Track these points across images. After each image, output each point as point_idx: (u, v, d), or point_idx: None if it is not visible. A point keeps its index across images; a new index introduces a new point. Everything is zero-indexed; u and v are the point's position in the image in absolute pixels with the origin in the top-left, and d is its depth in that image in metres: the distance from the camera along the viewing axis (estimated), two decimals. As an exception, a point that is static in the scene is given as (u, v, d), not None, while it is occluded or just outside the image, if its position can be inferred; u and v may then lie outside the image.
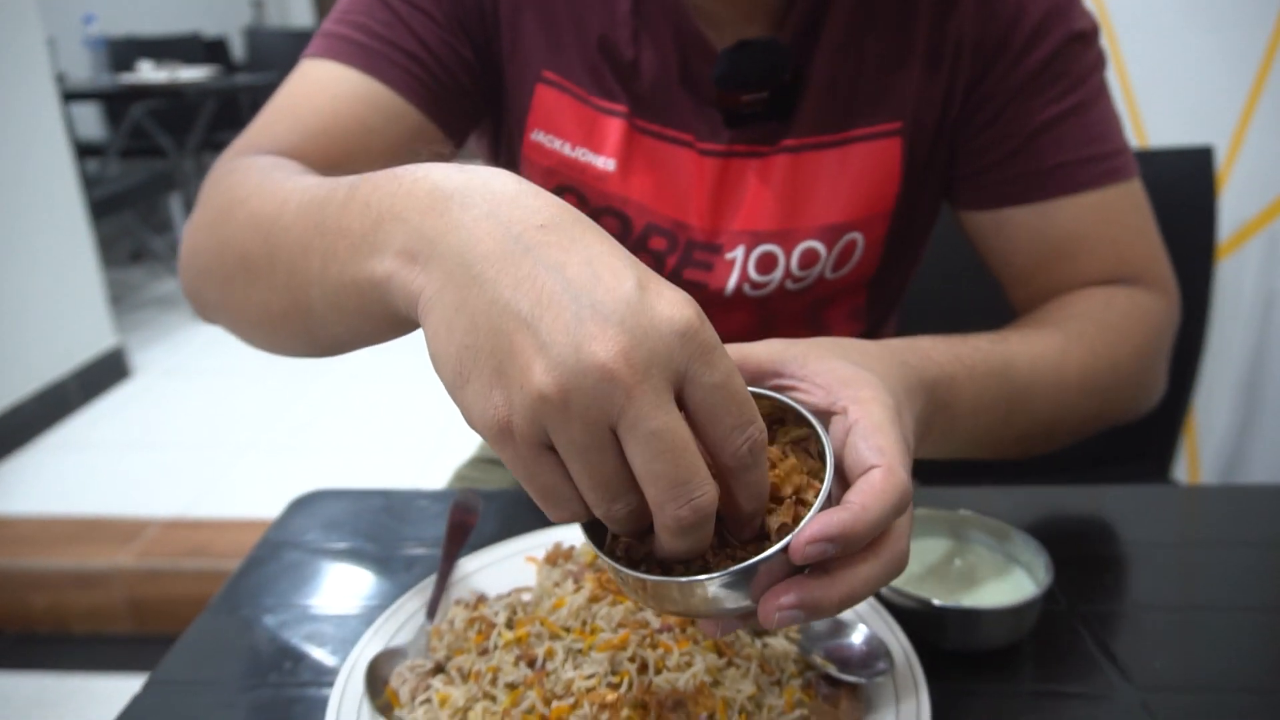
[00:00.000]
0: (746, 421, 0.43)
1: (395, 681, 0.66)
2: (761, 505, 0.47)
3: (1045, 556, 0.77)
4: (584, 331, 0.39)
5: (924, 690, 0.64)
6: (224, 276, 0.71)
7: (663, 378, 0.40)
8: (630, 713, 0.58)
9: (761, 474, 0.45)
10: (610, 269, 0.42)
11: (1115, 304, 0.86)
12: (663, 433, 0.40)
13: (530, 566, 0.81)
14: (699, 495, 0.41)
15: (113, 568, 2.48)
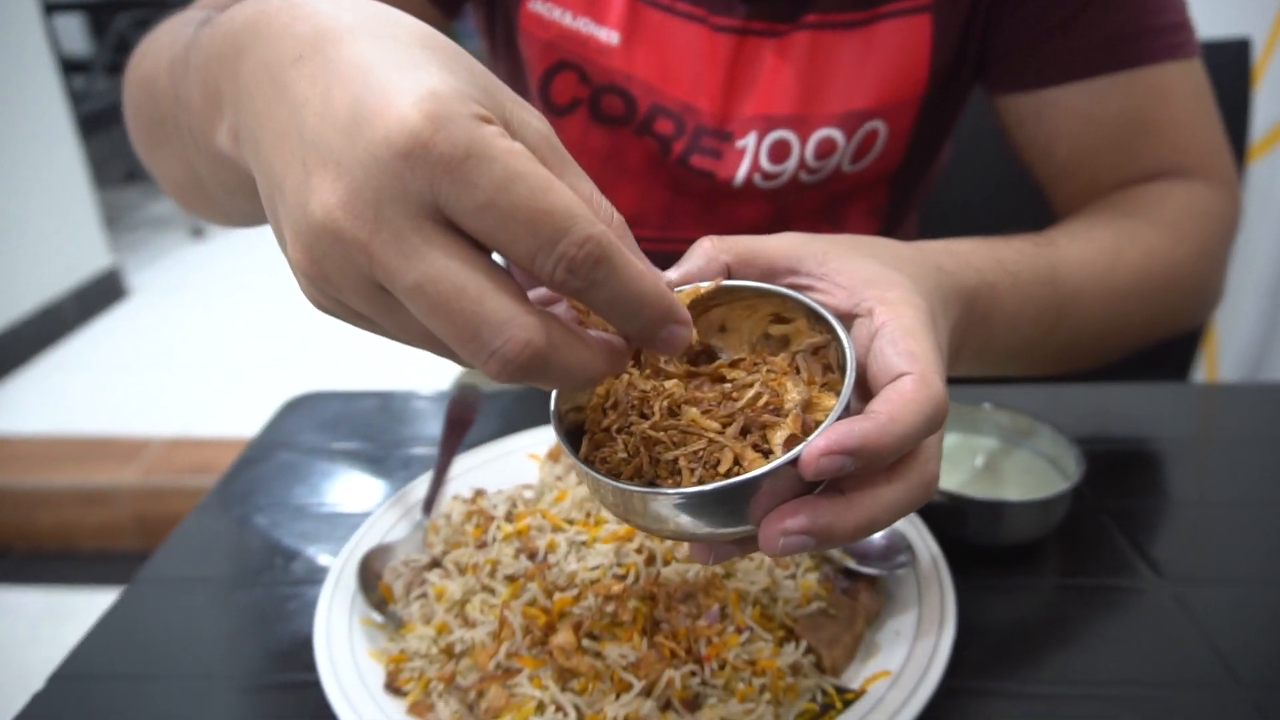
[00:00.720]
0: (548, 240, 0.33)
1: (389, 577, 0.63)
2: (650, 323, 0.37)
3: (1075, 450, 0.73)
4: (308, 186, 0.34)
5: (948, 583, 0.61)
6: (138, 143, 0.67)
7: (404, 217, 0.33)
8: (638, 604, 0.55)
9: (614, 290, 0.35)
10: (345, 90, 0.34)
11: (1173, 200, 0.78)
12: (423, 286, 0.33)
13: (532, 463, 0.77)
14: (500, 344, 0.33)
15: (117, 485, 2.47)
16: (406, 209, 0.33)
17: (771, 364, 0.45)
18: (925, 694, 0.52)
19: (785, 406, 0.42)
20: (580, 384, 0.37)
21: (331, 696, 0.54)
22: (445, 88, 0.33)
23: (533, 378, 0.35)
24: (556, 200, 0.33)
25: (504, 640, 0.55)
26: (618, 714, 0.50)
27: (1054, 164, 0.85)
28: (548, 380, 0.36)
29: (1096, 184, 0.83)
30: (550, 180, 0.34)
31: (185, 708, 0.60)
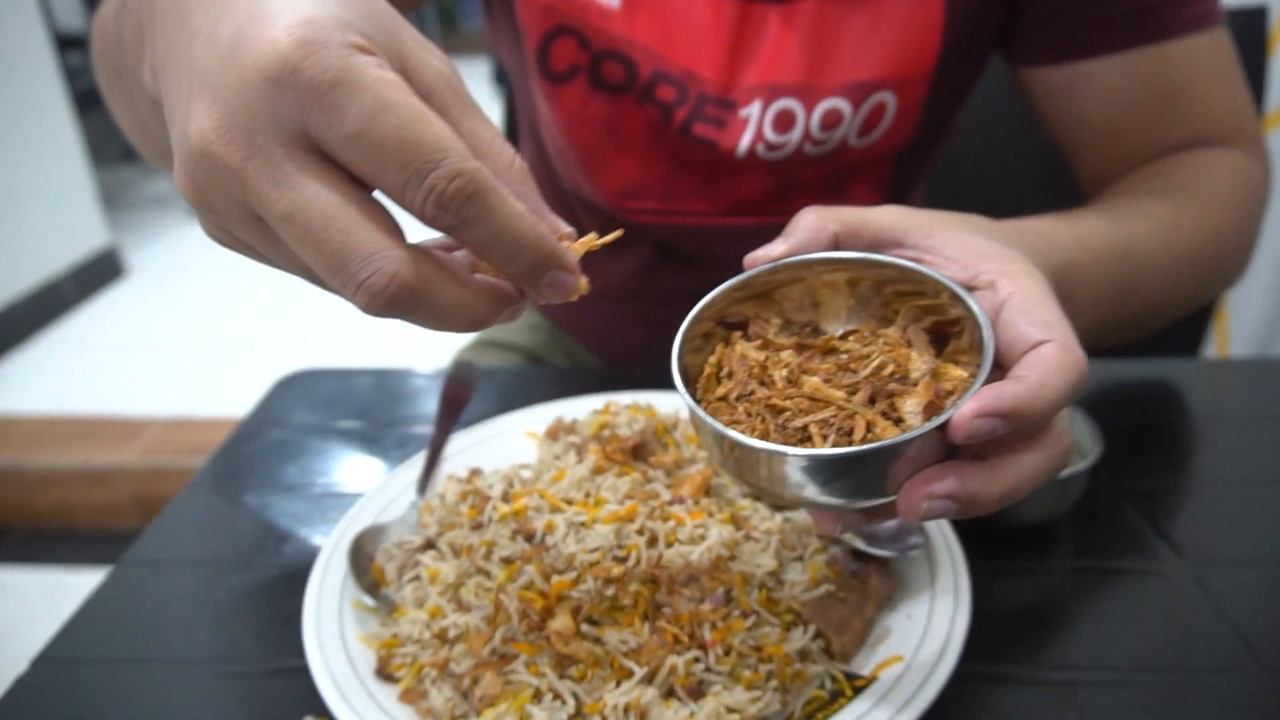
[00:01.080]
0: (417, 171, 0.33)
1: (382, 559, 0.61)
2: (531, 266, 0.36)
3: (1092, 427, 0.71)
4: (189, 113, 0.34)
5: (962, 565, 0.59)
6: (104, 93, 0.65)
7: (276, 144, 0.33)
8: (639, 587, 0.53)
9: (490, 229, 0.35)
10: (231, 18, 0.34)
11: (1217, 169, 0.78)
12: (293, 214, 0.33)
13: (530, 442, 0.74)
14: (367, 275, 0.33)
15: (118, 465, 2.46)
16: (278, 135, 0.33)
17: (886, 336, 0.45)
18: (940, 680, 0.50)
19: (912, 375, 0.42)
20: (459, 324, 0.37)
21: (320, 683, 0.51)
22: (323, 15, 0.33)
23: (404, 312, 0.35)
24: (428, 132, 0.33)
25: (499, 625, 0.53)
26: (618, 702, 0.48)
27: (1085, 135, 0.84)
28: (421, 317, 0.36)
29: (1130, 154, 0.82)
30: (423, 113, 0.33)
31: (171, 692, 0.58)
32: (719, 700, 0.49)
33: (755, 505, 0.63)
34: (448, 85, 0.37)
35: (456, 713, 0.50)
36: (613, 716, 0.48)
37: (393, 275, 0.34)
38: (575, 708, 0.49)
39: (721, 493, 0.62)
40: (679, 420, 0.69)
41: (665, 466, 0.63)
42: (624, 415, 0.68)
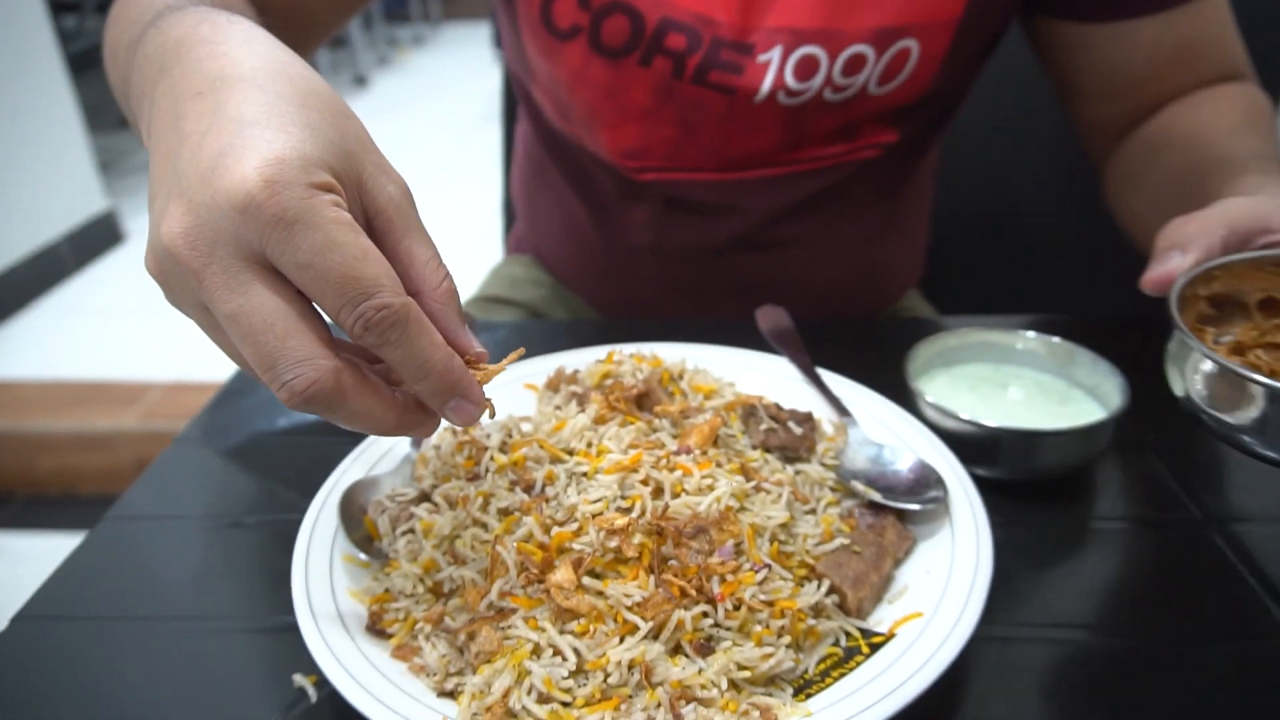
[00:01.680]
0: (352, 300, 0.38)
1: (374, 512, 0.58)
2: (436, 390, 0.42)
3: (1119, 378, 0.68)
4: (165, 210, 0.39)
5: (983, 519, 0.56)
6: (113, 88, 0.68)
7: (233, 257, 0.38)
8: (644, 540, 0.50)
9: (405, 352, 0.40)
10: (216, 138, 0.39)
11: (1256, 101, 0.82)
12: (237, 316, 0.38)
13: (529, 394, 0.71)
14: (291, 378, 0.38)
15: (117, 430, 2.44)
16: (237, 251, 0.38)
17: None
18: (961, 638, 0.47)
19: None
20: (370, 428, 0.42)
21: (309, 639, 0.49)
22: (292, 155, 0.38)
23: (321, 412, 0.40)
24: (366, 270, 0.38)
25: (497, 578, 0.50)
26: (622, 658, 0.46)
27: (1118, 83, 0.86)
28: (335, 415, 0.41)
29: (1160, 98, 0.84)
30: (366, 252, 0.39)
31: (155, 650, 0.55)
32: (729, 656, 0.47)
33: (765, 457, 0.60)
34: (396, 209, 0.43)
35: (451, 669, 0.48)
36: (616, 673, 0.45)
37: (313, 381, 0.39)
38: (576, 664, 0.46)
39: (730, 443, 0.59)
40: (685, 369, 0.66)
41: (671, 416, 0.60)
42: (628, 364, 0.65)
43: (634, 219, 0.96)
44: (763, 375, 0.72)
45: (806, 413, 0.63)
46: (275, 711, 0.50)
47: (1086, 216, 1.20)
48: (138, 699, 0.52)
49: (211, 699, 0.52)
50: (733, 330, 0.79)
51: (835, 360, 0.74)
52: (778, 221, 0.94)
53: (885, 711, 0.43)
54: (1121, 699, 0.50)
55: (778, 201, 0.92)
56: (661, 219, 0.94)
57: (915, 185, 1.03)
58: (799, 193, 0.91)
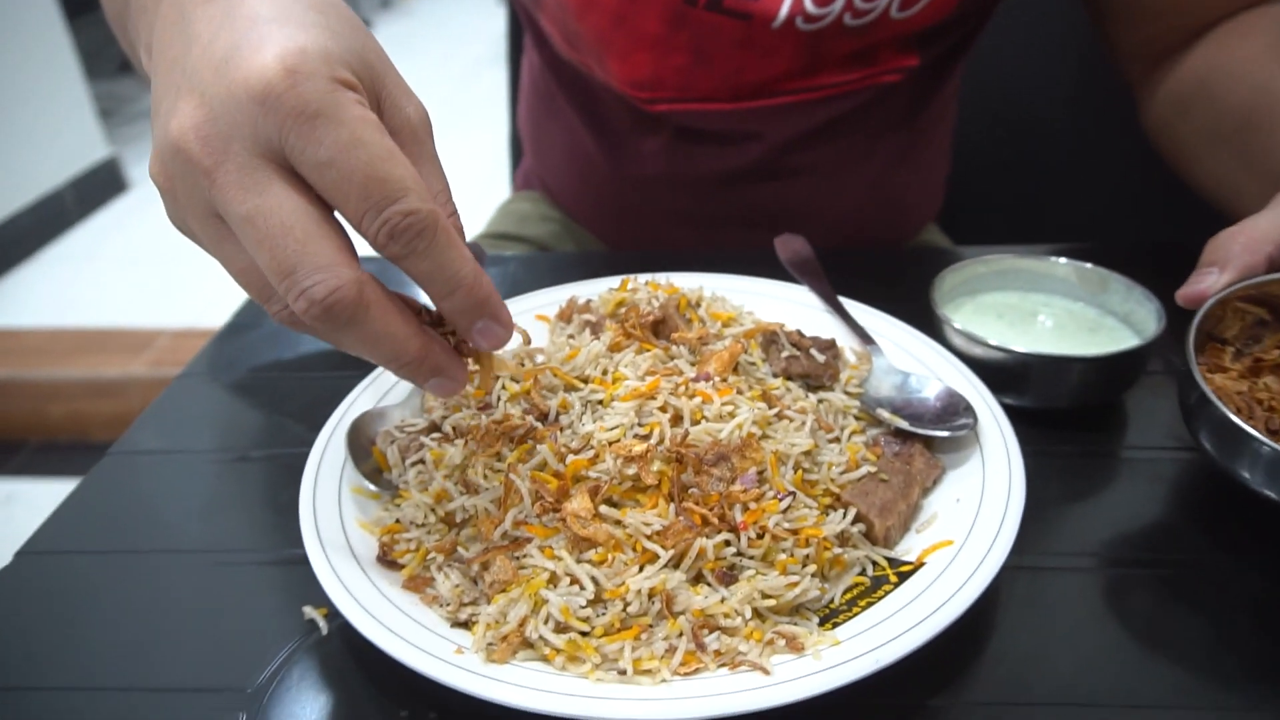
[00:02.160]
0: (376, 204, 0.36)
1: (383, 442, 0.56)
2: (465, 308, 0.40)
3: (1155, 304, 0.65)
4: (174, 108, 0.37)
5: (1015, 446, 0.54)
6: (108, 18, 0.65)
7: (250, 154, 0.36)
8: (663, 467, 0.48)
9: (433, 264, 0.38)
10: (230, 35, 0.36)
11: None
12: (254, 218, 0.36)
13: (541, 325, 0.69)
14: (311, 284, 0.36)
15: (127, 377, 2.44)
16: (254, 147, 0.36)
17: None
18: (993, 567, 0.46)
19: None
20: (387, 354, 0.39)
21: (318, 570, 0.47)
22: (314, 47, 0.36)
23: (338, 328, 0.37)
24: (392, 170, 0.36)
25: (511, 507, 0.48)
26: (641, 587, 0.44)
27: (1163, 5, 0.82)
28: (353, 337, 0.38)
29: (1203, 18, 0.80)
30: (393, 153, 0.36)
31: (160, 584, 0.54)
32: (752, 585, 0.45)
33: (787, 385, 0.57)
34: (411, 133, 0.40)
35: (465, 599, 0.46)
36: (636, 602, 0.44)
37: (334, 288, 0.36)
38: (595, 593, 0.44)
39: (751, 371, 0.57)
40: (702, 296, 0.63)
41: (689, 343, 0.57)
42: (643, 291, 0.62)
43: (645, 149, 0.93)
44: (782, 304, 0.70)
45: (829, 340, 0.61)
46: (286, 644, 0.49)
47: (1111, 148, 1.16)
48: (144, 633, 0.51)
49: (220, 633, 0.50)
50: (749, 260, 0.77)
51: (857, 289, 0.71)
52: (794, 149, 0.90)
53: (915, 641, 0.42)
54: (1153, 629, 0.48)
55: (794, 129, 0.88)
56: (673, 148, 0.91)
57: (936, 113, 0.99)
58: (816, 119, 0.87)
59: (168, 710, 0.46)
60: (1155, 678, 0.46)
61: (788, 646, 0.43)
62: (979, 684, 0.45)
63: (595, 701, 0.39)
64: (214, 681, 0.47)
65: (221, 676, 0.47)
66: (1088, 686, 0.45)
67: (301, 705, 0.45)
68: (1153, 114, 0.84)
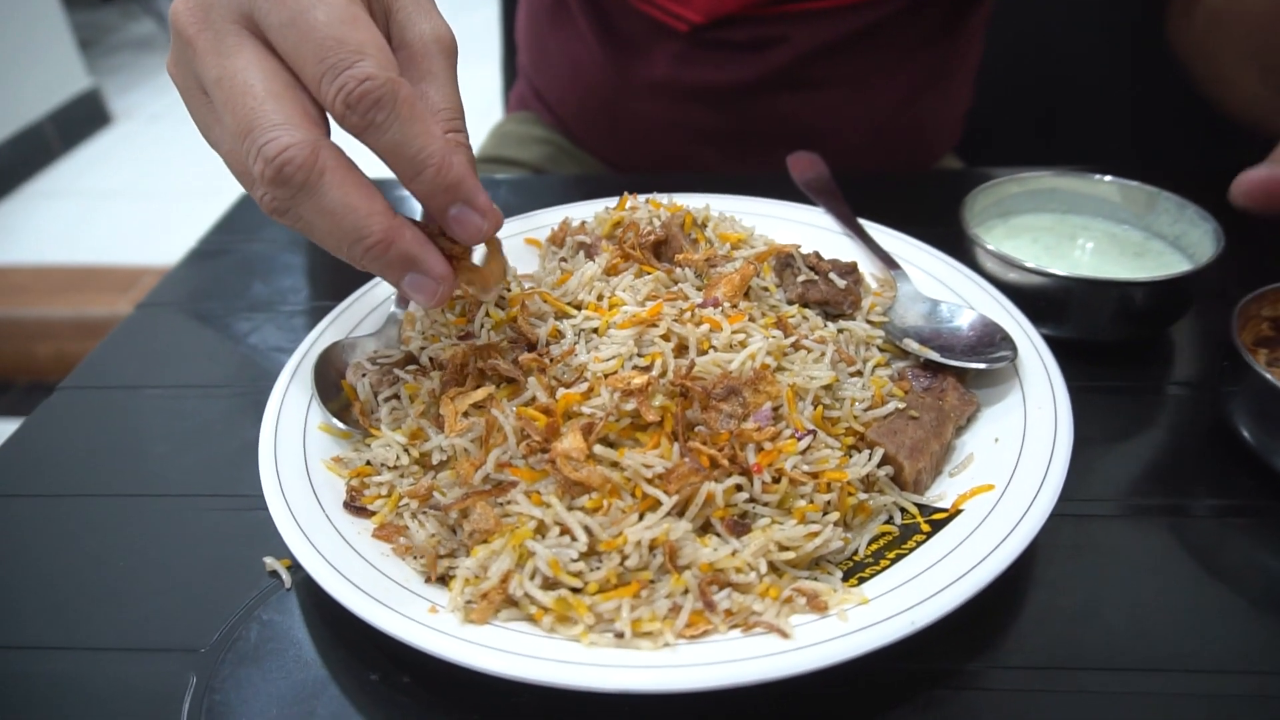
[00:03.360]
0: (332, 67, 0.35)
1: (353, 376, 0.50)
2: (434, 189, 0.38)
3: (1211, 225, 0.58)
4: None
5: (1059, 381, 0.48)
6: None
7: (225, 20, 0.38)
8: (666, 402, 0.42)
9: (395, 138, 0.37)
10: None
11: None
12: (221, 80, 0.37)
13: (531, 250, 0.63)
14: (265, 141, 0.36)
15: (114, 316, 2.38)
16: (228, 14, 0.37)
17: None
18: (1040, 515, 0.40)
19: None
20: (349, 230, 0.37)
21: (278, 517, 0.42)
22: None
23: (292, 192, 0.36)
24: (350, 34, 0.36)
25: (493, 448, 0.42)
26: (641, 538, 0.39)
27: None
28: (310, 204, 0.37)
29: None
30: (355, 16, 0.36)
31: (104, 531, 0.48)
32: (767, 535, 0.39)
33: (803, 312, 0.51)
34: (423, 48, 0.41)
35: (442, 550, 0.41)
36: (635, 554, 0.38)
37: (286, 145, 0.35)
38: (588, 544, 0.39)
39: (763, 297, 0.51)
40: (710, 215, 0.57)
41: (695, 265, 0.51)
42: (644, 210, 0.56)
43: (657, 54, 0.86)
44: (797, 227, 0.63)
45: (850, 263, 0.55)
46: (244, 599, 0.44)
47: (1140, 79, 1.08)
48: (88, 586, 0.45)
49: (173, 586, 0.45)
50: (761, 182, 0.70)
51: (877, 212, 0.65)
52: (822, 58, 0.83)
53: (954, 599, 0.36)
54: (1216, 583, 0.43)
55: (825, 35, 0.82)
56: (688, 55, 0.84)
57: (966, 36, 0.92)
58: (848, 26, 0.81)
59: (110, 673, 0.41)
60: (1219, 638, 0.40)
61: (809, 605, 0.37)
62: (1021, 645, 0.40)
63: (587, 669, 0.34)
64: (163, 641, 0.42)
65: (171, 635, 0.42)
66: (1143, 648, 0.40)
67: (259, 667, 0.40)
68: (1183, 35, 0.76)
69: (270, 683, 0.40)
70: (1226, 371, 0.50)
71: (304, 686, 0.39)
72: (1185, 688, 0.38)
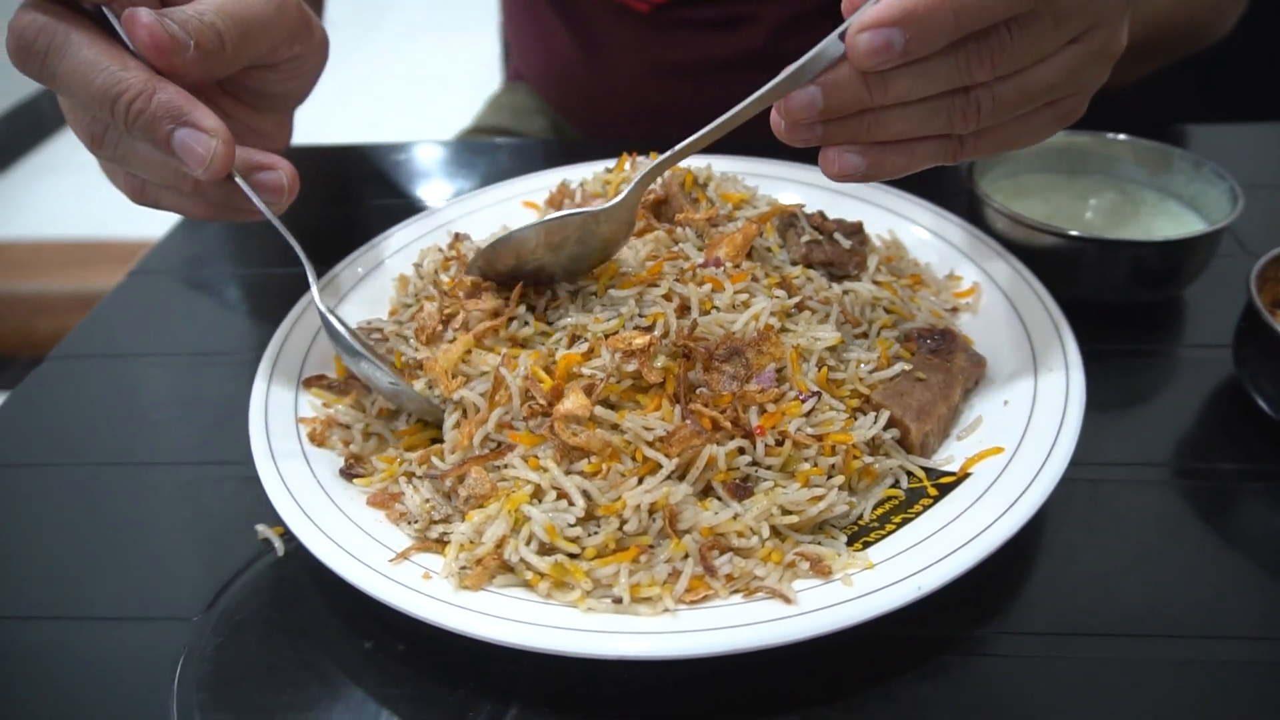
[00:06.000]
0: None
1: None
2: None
3: (1226, 184, 0.57)
4: None
5: (1071, 341, 0.46)
6: None
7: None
8: (668, 363, 0.41)
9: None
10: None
11: None
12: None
13: (529, 213, 0.61)
14: (12, 19, 0.38)
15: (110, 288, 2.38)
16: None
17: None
18: (1051, 478, 0.39)
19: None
20: (106, 87, 0.38)
21: (268, 483, 0.41)
22: None
23: (38, 59, 0.38)
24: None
25: (497, 406, 0.41)
26: (641, 502, 0.37)
27: None
28: (60, 66, 0.38)
29: None
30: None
31: (95, 499, 0.48)
32: (770, 499, 0.38)
33: (808, 273, 0.50)
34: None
35: (435, 516, 0.40)
36: (634, 519, 0.37)
37: (24, 13, 0.38)
38: (585, 508, 0.38)
39: (766, 258, 0.50)
40: (712, 175, 0.55)
41: (696, 225, 0.50)
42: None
43: (624, 38, 0.84)
44: (801, 188, 0.62)
45: (856, 223, 0.53)
46: (237, 567, 0.43)
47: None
48: (80, 554, 0.45)
49: (164, 553, 0.44)
50: (759, 145, 0.68)
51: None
52: (792, 34, 0.81)
53: (962, 563, 0.35)
54: (1233, 548, 0.42)
55: (793, 7, 0.79)
56: (655, 36, 0.82)
57: None
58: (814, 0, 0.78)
59: (100, 642, 0.40)
60: (1233, 604, 0.40)
61: (812, 570, 0.36)
62: (1032, 612, 0.39)
63: (585, 635, 0.33)
64: (155, 609, 0.41)
65: (163, 604, 0.42)
66: (1155, 615, 0.39)
67: (252, 636, 0.40)
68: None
69: (262, 652, 0.39)
70: (1243, 333, 0.48)
71: (298, 655, 0.39)
72: (1198, 655, 0.37)
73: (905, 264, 0.55)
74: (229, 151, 0.39)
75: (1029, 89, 0.36)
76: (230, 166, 0.40)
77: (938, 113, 0.36)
